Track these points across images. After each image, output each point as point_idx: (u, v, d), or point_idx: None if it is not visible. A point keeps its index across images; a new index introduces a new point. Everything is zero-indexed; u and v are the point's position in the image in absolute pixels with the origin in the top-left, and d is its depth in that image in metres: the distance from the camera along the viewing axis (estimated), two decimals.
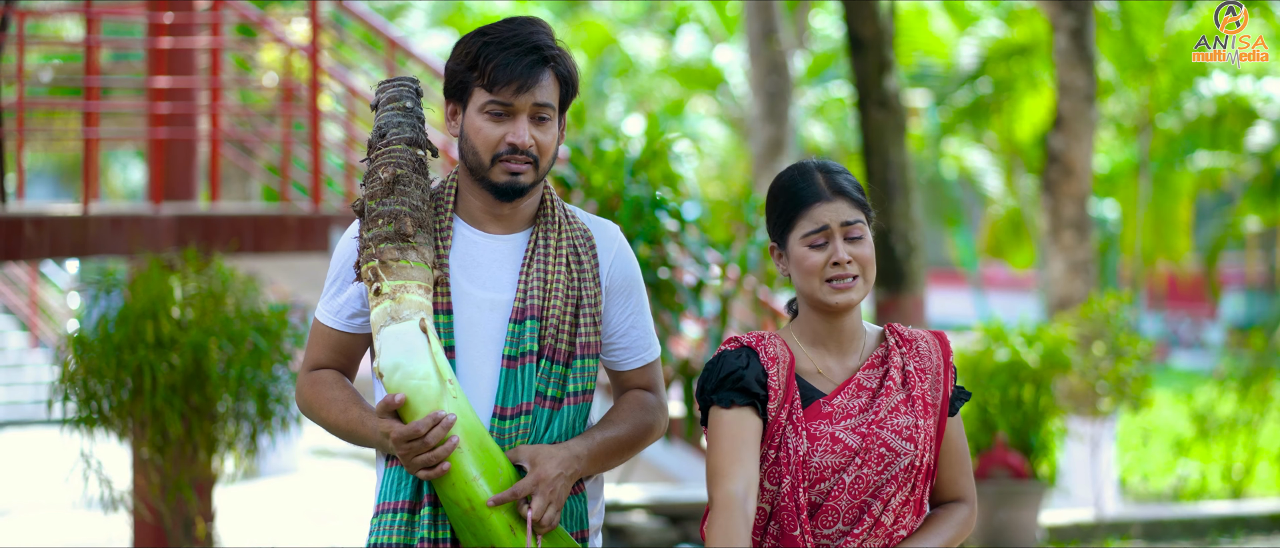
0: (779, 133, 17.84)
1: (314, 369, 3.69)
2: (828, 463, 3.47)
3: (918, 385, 3.54)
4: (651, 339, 3.75)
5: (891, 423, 3.49)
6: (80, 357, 7.35)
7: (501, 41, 3.58)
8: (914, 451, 3.48)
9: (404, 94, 3.64)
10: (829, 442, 3.47)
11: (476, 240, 3.64)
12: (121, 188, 28.44)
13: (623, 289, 3.71)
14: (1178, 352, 29.92)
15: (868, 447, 3.47)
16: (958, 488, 3.61)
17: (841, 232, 3.49)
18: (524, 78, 3.55)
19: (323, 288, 3.74)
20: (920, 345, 3.58)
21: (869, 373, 3.54)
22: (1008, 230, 25.13)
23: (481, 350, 3.59)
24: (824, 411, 3.50)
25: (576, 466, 3.56)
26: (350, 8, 12.39)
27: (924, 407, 3.53)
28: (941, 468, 3.59)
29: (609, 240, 3.72)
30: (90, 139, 9.87)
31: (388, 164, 3.57)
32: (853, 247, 3.50)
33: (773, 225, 3.57)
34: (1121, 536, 11.38)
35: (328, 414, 3.63)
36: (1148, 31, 18.39)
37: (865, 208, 3.54)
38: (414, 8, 26.86)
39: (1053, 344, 10.63)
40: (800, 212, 3.51)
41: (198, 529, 7.65)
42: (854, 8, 10.96)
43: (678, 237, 8.79)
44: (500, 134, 3.56)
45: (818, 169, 3.55)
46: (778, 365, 3.51)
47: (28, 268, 17.38)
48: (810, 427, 3.48)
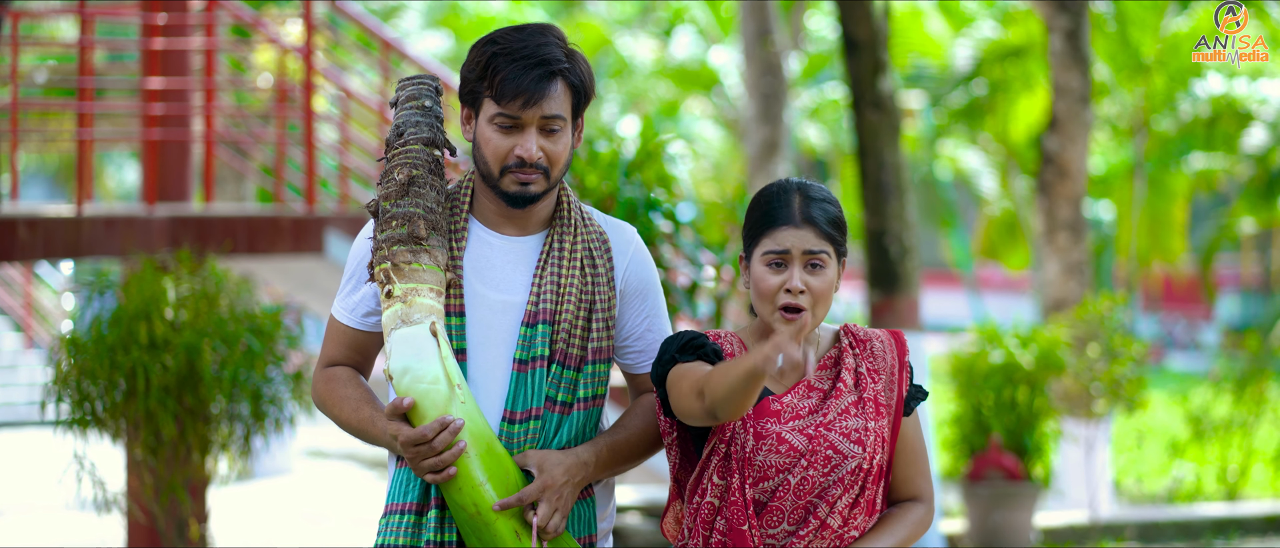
0: (774, 134, 17.82)
1: (329, 366, 3.72)
2: (772, 463, 3.46)
3: (869, 387, 3.53)
4: None
5: (840, 426, 3.48)
6: (74, 358, 7.34)
7: (510, 53, 3.55)
8: (862, 453, 3.47)
9: (423, 93, 3.63)
10: (774, 441, 3.46)
11: (492, 242, 3.64)
12: (116, 189, 28.41)
13: (638, 292, 3.71)
14: (1173, 353, 29.92)
15: (814, 449, 3.46)
16: (913, 487, 3.60)
17: (802, 259, 3.48)
18: (531, 92, 3.54)
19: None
20: (875, 346, 3.58)
21: (821, 374, 3.54)
22: (1003, 232, 25.12)
23: (493, 353, 3.59)
24: (772, 408, 3.49)
25: (584, 473, 3.56)
26: (345, 9, 12.39)
27: (876, 408, 3.52)
28: (897, 467, 3.59)
29: (625, 243, 3.72)
30: (84, 140, 9.86)
31: (404, 165, 3.57)
32: (811, 275, 3.48)
33: (744, 236, 3.58)
34: (1116, 537, 11.38)
35: (340, 412, 3.66)
36: (1143, 33, 18.38)
37: (835, 242, 3.52)
38: (409, 9, 26.83)
39: (1047, 346, 10.64)
40: (766, 231, 3.51)
41: (191, 531, 7.64)
42: (848, 9, 10.96)
43: (672, 238, 8.78)
44: (509, 146, 3.56)
45: (797, 190, 3.54)
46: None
47: (22, 269, 17.36)
48: (758, 425, 3.47)
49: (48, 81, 17.36)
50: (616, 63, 25.66)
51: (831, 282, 3.51)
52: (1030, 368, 10.54)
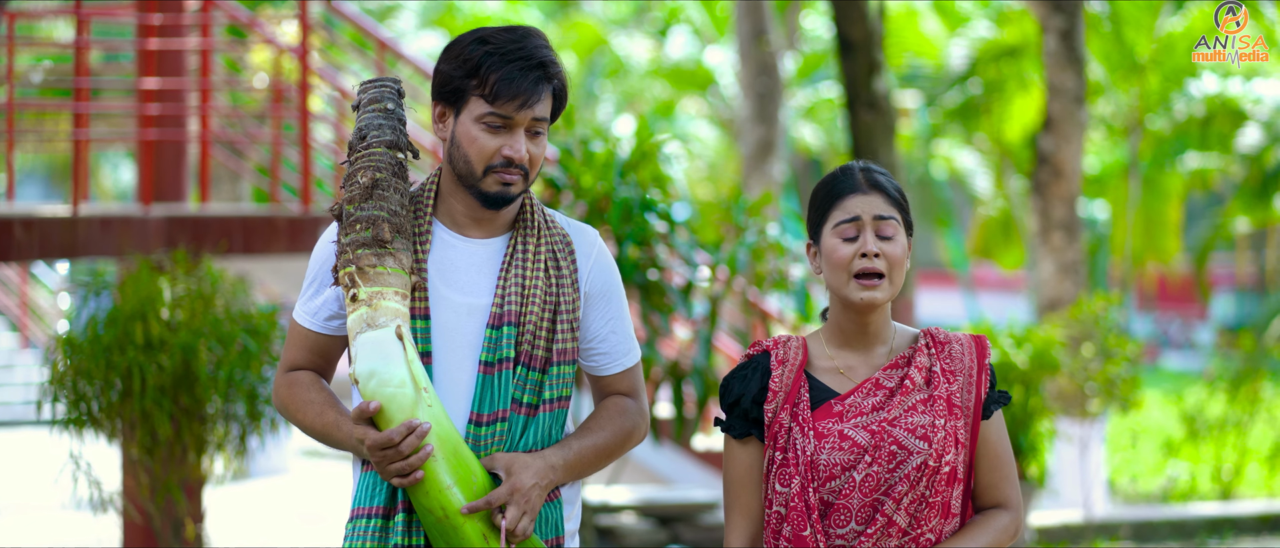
0: (769, 134, 17.84)
1: (291, 370, 3.69)
2: (836, 460, 3.43)
3: (943, 386, 3.49)
4: (631, 344, 3.74)
5: (905, 421, 3.44)
6: (69, 358, 7.34)
7: (506, 54, 3.55)
8: (928, 450, 3.42)
9: (386, 95, 3.62)
10: (836, 439, 3.44)
11: (455, 244, 3.63)
12: (111, 189, 28.41)
13: (602, 294, 3.71)
14: (1168, 353, 29.95)
15: (878, 444, 3.43)
16: (998, 494, 3.53)
17: (874, 226, 3.49)
18: (528, 94, 3.54)
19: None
20: (953, 348, 3.54)
21: (890, 372, 3.51)
22: (998, 231, 25.15)
23: (458, 356, 3.58)
24: (834, 410, 3.48)
25: (552, 476, 3.55)
26: (340, 9, 12.39)
27: (948, 408, 3.47)
28: (979, 473, 3.53)
29: (588, 246, 3.71)
30: (80, 140, 9.86)
31: (367, 168, 3.55)
32: (884, 243, 3.48)
33: (810, 222, 3.57)
34: (1110, 537, 11.39)
35: (304, 416, 3.64)
36: (1137, 33, 18.40)
37: (903, 209, 3.54)
38: (404, 9, 26.84)
39: (1042, 345, 10.64)
40: (835, 202, 3.52)
41: (187, 531, 7.64)
42: (843, 9, 10.97)
43: (667, 238, 8.79)
44: (496, 146, 3.56)
45: (860, 168, 3.56)
46: (784, 367, 3.51)
47: (18, 269, 17.36)
48: (818, 426, 3.46)
49: (43, 82, 17.36)
50: (612, 62, 25.68)
51: (904, 249, 3.50)
52: (1025, 367, 10.54)
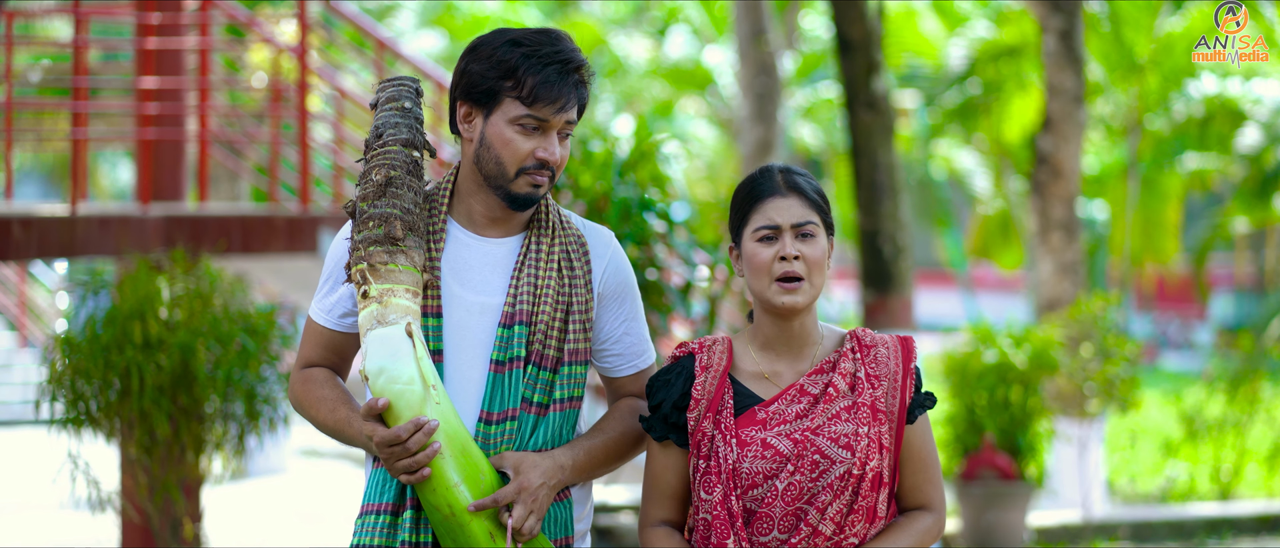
0: (768, 134, 17.84)
1: (306, 367, 3.72)
2: (758, 469, 3.43)
3: (867, 392, 3.48)
4: (645, 346, 3.75)
5: (829, 430, 3.44)
6: (68, 357, 7.34)
7: (543, 57, 3.56)
8: (851, 458, 3.42)
9: (403, 94, 3.63)
10: (759, 447, 3.44)
11: (470, 243, 3.64)
12: (110, 188, 28.40)
13: (616, 296, 3.71)
14: (1166, 353, 29.94)
15: (801, 453, 3.42)
16: (921, 495, 3.55)
17: (792, 231, 3.48)
18: (567, 97, 3.56)
19: (314, 287, 3.74)
20: (879, 351, 3.52)
21: (815, 378, 3.50)
22: (996, 232, 25.14)
23: (470, 355, 3.59)
24: (758, 417, 3.47)
25: (560, 475, 3.56)
26: (339, 8, 12.39)
27: (872, 414, 3.46)
28: (904, 475, 3.53)
29: (603, 247, 3.72)
30: (78, 139, 9.86)
31: (382, 166, 3.57)
32: (802, 245, 3.48)
33: (732, 225, 3.57)
34: (1109, 537, 11.39)
35: (316, 413, 3.66)
36: (1136, 33, 18.39)
37: (822, 211, 3.52)
38: (403, 8, 26.83)
39: (1041, 345, 10.64)
40: (754, 205, 3.52)
41: (185, 530, 7.64)
42: (842, 9, 10.97)
43: (666, 238, 8.78)
44: (530, 148, 3.57)
45: (779, 170, 3.55)
46: (707, 373, 3.51)
47: (16, 268, 17.35)
48: (741, 433, 3.46)
49: (42, 81, 17.36)
50: (611, 62, 25.67)
51: (824, 251, 3.50)
52: (1024, 368, 10.54)
